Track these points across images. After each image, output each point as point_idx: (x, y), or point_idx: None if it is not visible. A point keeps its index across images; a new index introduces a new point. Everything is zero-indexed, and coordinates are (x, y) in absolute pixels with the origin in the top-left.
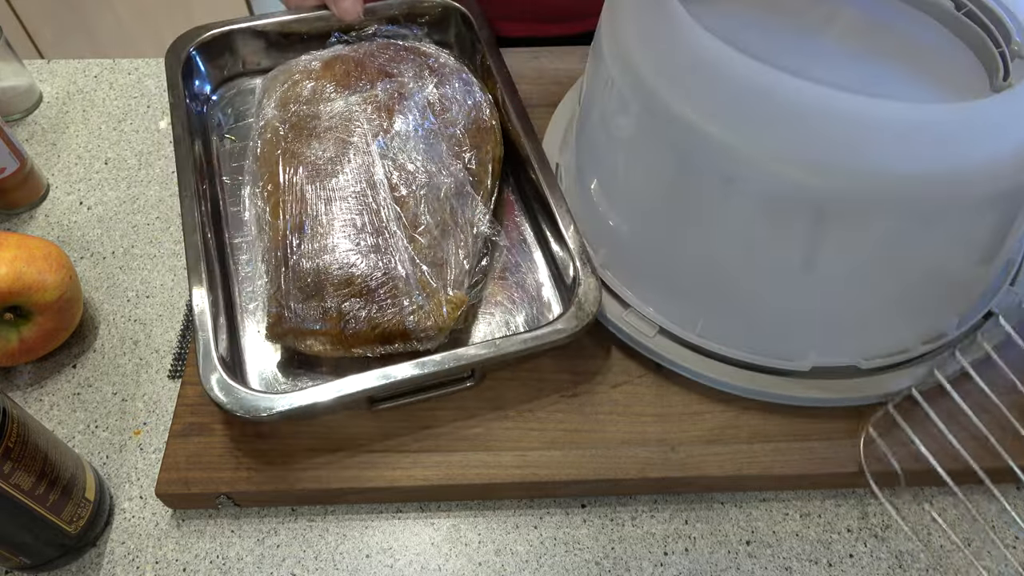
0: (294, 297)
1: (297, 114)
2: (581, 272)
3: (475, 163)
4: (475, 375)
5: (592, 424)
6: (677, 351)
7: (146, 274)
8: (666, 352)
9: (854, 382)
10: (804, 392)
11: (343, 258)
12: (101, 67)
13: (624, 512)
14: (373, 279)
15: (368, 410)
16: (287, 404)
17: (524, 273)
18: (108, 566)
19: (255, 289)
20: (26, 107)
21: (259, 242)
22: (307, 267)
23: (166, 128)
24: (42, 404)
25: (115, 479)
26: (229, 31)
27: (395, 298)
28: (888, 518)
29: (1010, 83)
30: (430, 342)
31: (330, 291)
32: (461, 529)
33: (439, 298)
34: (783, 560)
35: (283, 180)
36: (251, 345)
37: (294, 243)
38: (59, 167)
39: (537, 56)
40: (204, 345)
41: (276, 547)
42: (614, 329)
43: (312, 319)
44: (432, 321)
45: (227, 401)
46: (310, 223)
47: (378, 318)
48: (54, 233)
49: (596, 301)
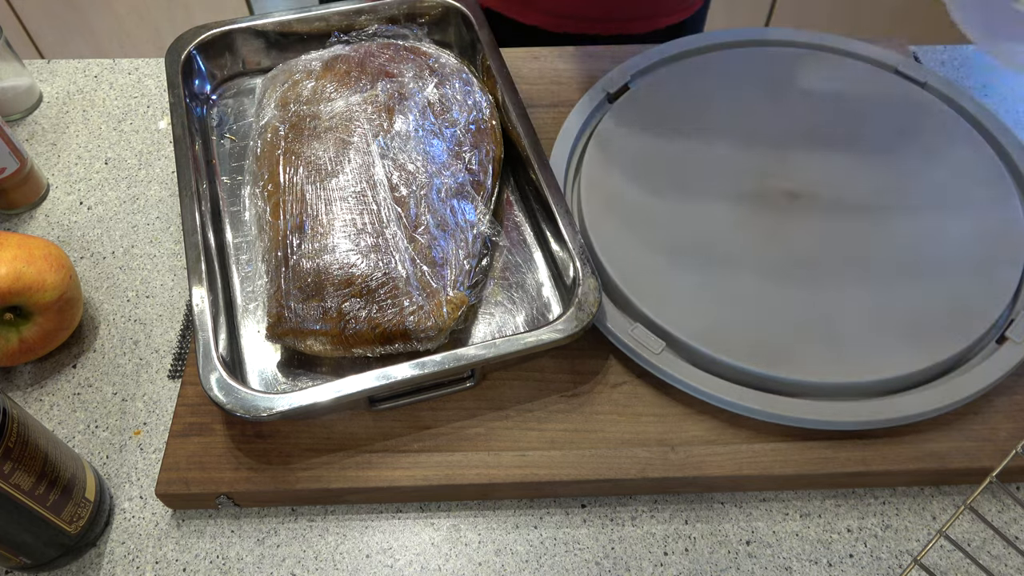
0: (294, 297)
1: (297, 114)
2: (581, 272)
3: (475, 163)
4: (475, 375)
5: (592, 424)
6: (684, 369)
7: (146, 274)
8: (672, 369)
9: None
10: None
11: (343, 258)
12: (101, 67)
13: (624, 512)
14: (373, 279)
15: (368, 410)
16: (287, 404)
17: (524, 273)
18: (108, 566)
19: (255, 289)
20: (26, 107)
21: (259, 242)
22: (307, 267)
23: (166, 128)
24: (42, 404)
25: (115, 479)
26: (229, 31)
27: (395, 298)
28: (888, 518)
29: None
30: (430, 342)
31: (330, 291)
32: (461, 529)
33: (439, 298)
34: (783, 560)
35: (283, 180)
36: (251, 345)
37: (294, 243)
38: (59, 167)
39: (537, 56)
40: (204, 345)
41: (276, 547)
42: (620, 345)
43: (312, 319)
44: (432, 321)
45: (227, 401)
46: (310, 223)
47: (378, 318)
48: (54, 233)
49: (596, 302)
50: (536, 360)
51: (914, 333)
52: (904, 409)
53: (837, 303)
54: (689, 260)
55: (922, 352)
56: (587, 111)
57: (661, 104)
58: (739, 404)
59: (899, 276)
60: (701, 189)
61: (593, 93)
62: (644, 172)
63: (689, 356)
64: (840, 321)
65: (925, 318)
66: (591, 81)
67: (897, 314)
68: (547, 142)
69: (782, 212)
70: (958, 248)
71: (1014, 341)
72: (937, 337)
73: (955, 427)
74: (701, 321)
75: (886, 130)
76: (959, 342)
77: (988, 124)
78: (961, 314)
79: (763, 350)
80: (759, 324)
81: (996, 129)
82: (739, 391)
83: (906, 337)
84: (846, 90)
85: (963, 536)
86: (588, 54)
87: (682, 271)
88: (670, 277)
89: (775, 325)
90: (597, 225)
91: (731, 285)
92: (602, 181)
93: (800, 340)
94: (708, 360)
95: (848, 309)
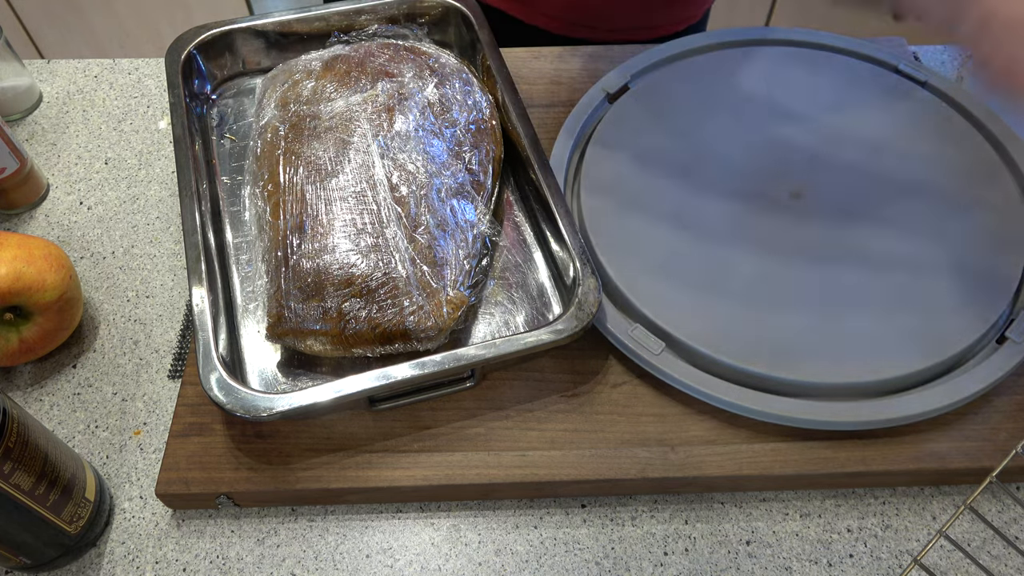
0: (294, 297)
1: (297, 114)
2: (581, 272)
3: (475, 163)
4: (475, 375)
5: (592, 424)
6: (684, 369)
7: (146, 274)
8: (672, 370)
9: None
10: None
11: (343, 258)
12: (101, 67)
13: (624, 512)
14: (373, 279)
15: (368, 410)
16: (287, 404)
17: (524, 273)
18: (108, 566)
19: (255, 289)
20: (26, 107)
21: (259, 242)
22: (307, 267)
23: (166, 128)
24: (42, 404)
25: (115, 479)
26: (229, 31)
27: (395, 298)
28: (888, 518)
29: None
30: (430, 342)
31: (330, 291)
32: (461, 529)
33: (439, 298)
34: (783, 560)
35: (283, 180)
36: (251, 345)
37: (294, 243)
38: (59, 167)
39: (537, 56)
40: (204, 345)
41: (276, 547)
42: (619, 345)
43: (312, 319)
44: (432, 321)
45: (227, 401)
46: (310, 223)
47: (378, 318)
48: (54, 233)
49: (596, 302)
50: (536, 360)
51: (914, 333)
52: (904, 409)
53: (837, 303)
54: (689, 260)
55: (922, 352)
56: (587, 111)
57: (661, 104)
58: (739, 404)
59: (898, 276)
60: (701, 189)
61: (593, 93)
62: (644, 172)
63: (689, 357)
64: (840, 321)
65: (925, 318)
66: (591, 81)
67: (897, 314)
68: (547, 142)
69: (782, 212)
70: (958, 248)
71: (1014, 341)
72: (937, 337)
73: (955, 427)
74: (701, 322)
75: (886, 130)
76: (959, 342)
77: (989, 124)
78: (961, 314)
79: (763, 350)
80: (759, 324)
81: (997, 129)
82: (739, 391)
83: (906, 337)
84: (847, 89)
85: (963, 536)
86: (588, 54)
87: (682, 271)
88: (670, 277)
89: (775, 325)
90: (597, 225)
91: (731, 285)
92: (602, 182)
93: (800, 340)
94: (708, 361)
95: (848, 309)
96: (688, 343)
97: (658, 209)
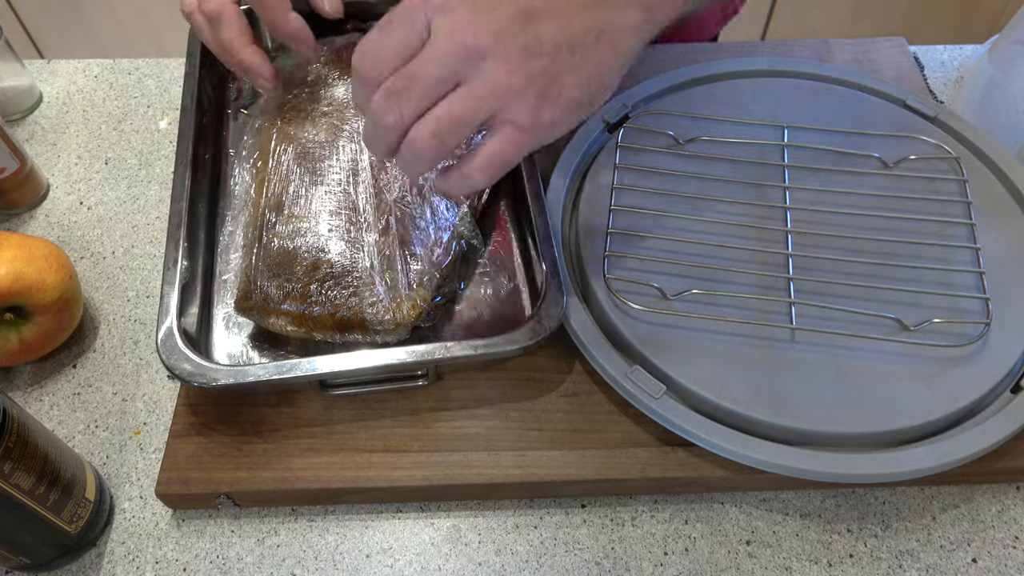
0: (262, 274)
1: (299, 96)
2: (548, 285)
3: None
4: (428, 375)
5: (592, 424)
6: (685, 415)
7: (146, 274)
8: (672, 415)
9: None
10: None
11: (313, 242)
12: (101, 67)
13: (624, 512)
14: (339, 266)
15: (319, 394)
16: (230, 378)
17: (501, 279)
18: (108, 566)
19: (231, 261)
20: (26, 107)
21: (242, 216)
22: (278, 246)
23: (166, 128)
24: (42, 404)
25: (115, 479)
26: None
27: (357, 288)
28: (888, 518)
29: None
30: (388, 336)
31: (297, 272)
32: (461, 529)
33: (401, 293)
34: (783, 560)
35: (272, 159)
36: (223, 316)
37: (271, 221)
38: (59, 167)
39: None
40: (165, 306)
41: (276, 547)
42: (618, 387)
43: (276, 298)
44: (390, 316)
45: (173, 364)
46: (289, 204)
47: (339, 305)
48: (54, 233)
49: (557, 316)
50: (536, 359)
51: (926, 381)
52: (915, 463)
53: (846, 348)
54: (690, 300)
55: (934, 402)
56: (586, 141)
57: (660, 134)
58: (743, 454)
59: (908, 321)
60: (702, 224)
61: (593, 123)
62: (643, 206)
63: (690, 401)
64: (849, 368)
65: (937, 366)
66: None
67: (907, 361)
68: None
69: (787, 251)
70: (969, 292)
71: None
72: (950, 386)
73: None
74: (703, 365)
75: (894, 165)
76: (972, 392)
77: (999, 161)
78: (974, 362)
79: (767, 396)
80: (763, 369)
81: (1007, 166)
82: (744, 440)
83: (917, 386)
84: (854, 123)
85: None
86: None
87: (682, 311)
88: (670, 318)
89: (780, 371)
90: (594, 262)
91: (734, 327)
92: (600, 216)
93: (807, 387)
94: (711, 406)
95: (856, 355)
96: (690, 387)
97: (658, 245)
